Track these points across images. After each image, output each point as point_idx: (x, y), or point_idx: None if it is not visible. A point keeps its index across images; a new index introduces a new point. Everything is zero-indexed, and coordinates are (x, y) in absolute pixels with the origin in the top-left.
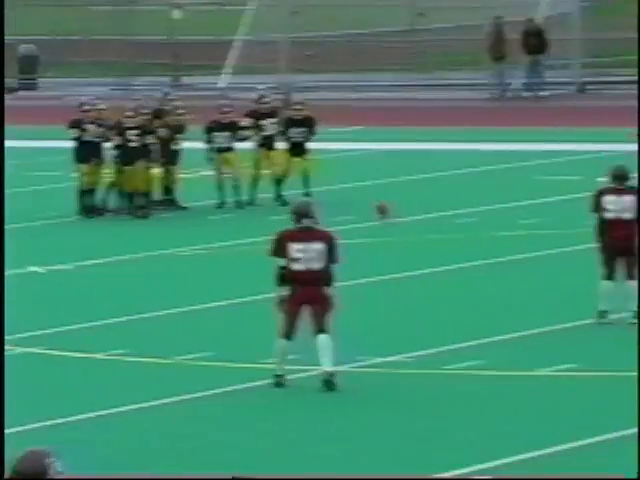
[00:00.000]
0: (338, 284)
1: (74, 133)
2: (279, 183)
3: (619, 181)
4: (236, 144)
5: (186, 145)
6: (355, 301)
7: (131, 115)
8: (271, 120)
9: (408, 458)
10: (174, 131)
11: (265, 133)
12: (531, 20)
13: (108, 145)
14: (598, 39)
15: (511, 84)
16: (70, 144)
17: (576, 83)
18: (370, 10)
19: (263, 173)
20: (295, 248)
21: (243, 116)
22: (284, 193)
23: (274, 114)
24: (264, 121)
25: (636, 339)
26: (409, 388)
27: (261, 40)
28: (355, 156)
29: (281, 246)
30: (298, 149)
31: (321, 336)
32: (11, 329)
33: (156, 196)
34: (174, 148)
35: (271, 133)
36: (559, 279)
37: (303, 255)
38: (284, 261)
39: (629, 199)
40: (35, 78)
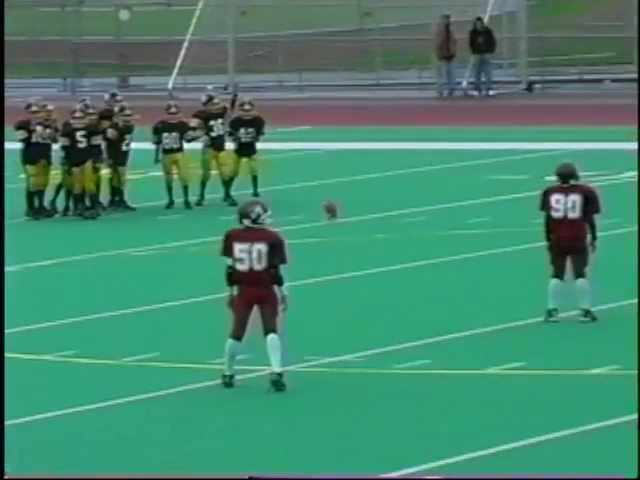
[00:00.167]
0: (286, 284)
1: (21, 134)
2: (228, 184)
3: (566, 179)
4: (185, 145)
5: (134, 146)
6: (303, 301)
7: (79, 116)
8: (220, 120)
9: (357, 458)
10: (123, 132)
11: (214, 134)
12: (479, 19)
13: (56, 146)
14: (545, 37)
15: (461, 83)
16: (17, 145)
17: (523, 82)
18: (317, 10)
19: (212, 173)
20: (239, 248)
21: (191, 117)
22: (233, 193)
23: (223, 115)
24: (213, 122)
25: (584, 337)
26: (358, 387)
27: (208, 40)
28: (302, 156)
29: (227, 246)
30: (247, 149)
31: (270, 336)
32: None
33: (104, 197)
34: (123, 149)
35: (220, 134)
36: (508, 278)
37: (246, 255)
38: (231, 261)
39: (575, 198)
40: None
